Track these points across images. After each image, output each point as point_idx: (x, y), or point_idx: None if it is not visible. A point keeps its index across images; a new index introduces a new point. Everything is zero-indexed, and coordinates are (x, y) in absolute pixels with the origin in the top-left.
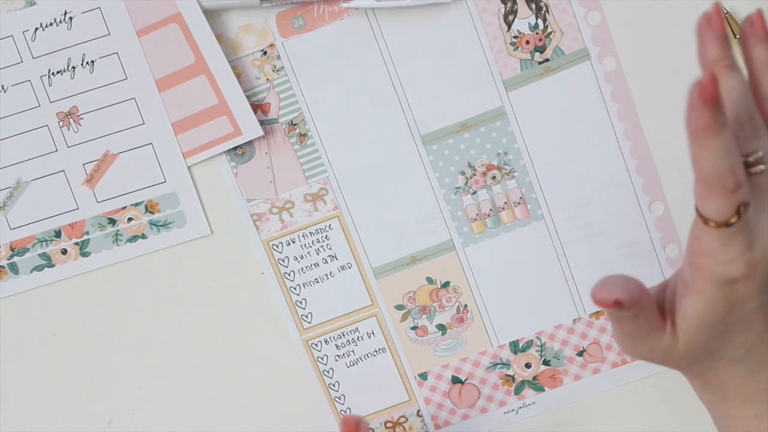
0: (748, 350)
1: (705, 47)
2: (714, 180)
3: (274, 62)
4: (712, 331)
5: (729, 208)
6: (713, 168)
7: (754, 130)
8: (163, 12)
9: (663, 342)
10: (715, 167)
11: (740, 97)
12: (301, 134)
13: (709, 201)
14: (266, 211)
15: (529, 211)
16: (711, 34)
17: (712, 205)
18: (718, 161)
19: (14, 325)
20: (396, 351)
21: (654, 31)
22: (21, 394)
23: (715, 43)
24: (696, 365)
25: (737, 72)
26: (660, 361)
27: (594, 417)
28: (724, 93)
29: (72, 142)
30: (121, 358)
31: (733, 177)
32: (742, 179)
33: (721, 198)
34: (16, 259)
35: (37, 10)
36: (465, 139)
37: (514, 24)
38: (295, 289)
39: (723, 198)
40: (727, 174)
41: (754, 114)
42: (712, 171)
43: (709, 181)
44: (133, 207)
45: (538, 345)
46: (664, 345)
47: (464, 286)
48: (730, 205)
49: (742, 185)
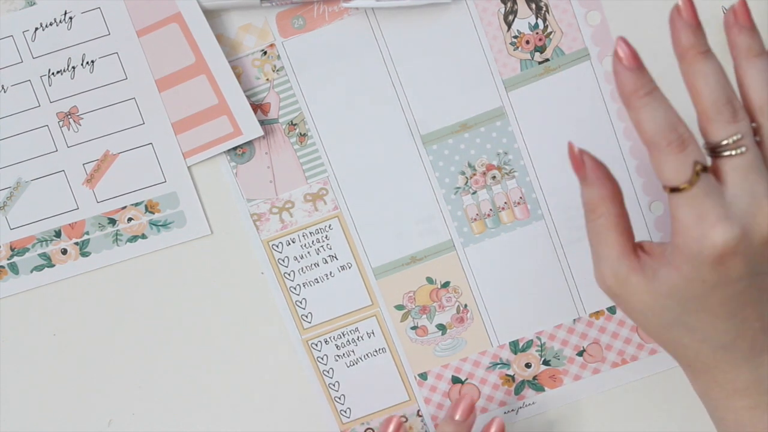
0: (735, 337)
1: (677, 35)
2: (659, 139)
3: (274, 62)
4: (688, 304)
5: (684, 166)
6: (654, 126)
7: (732, 113)
8: (163, 12)
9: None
10: (656, 124)
11: (715, 81)
12: (301, 134)
13: (663, 165)
14: (266, 211)
15: (529, 211)
16: (682, 22)
17: (667, 167)
18: (657, 119)
19: (14, 325)
20: (396, 351)
21: (654, 32)
22: (21, 394)
23: (687, 30)
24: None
25: (711, 58)
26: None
27: (594, 417)
28: (699, 76)
29: (72, 142)
30: (121, 358)
31: (675, 132)
32: (686, 135)
33: (672, 157)
34: (16, 259)
35: (37, 10)
36: (465, 139)
37: (514, 24)
38: (295, 289)
39: (674, 156)
40: (669, 130)
41: (732, 98)
42: (653, 130)
43: (655, 143)
44: (133, 207)
45: (538, 345)
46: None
47: (464, 286)
48: (684, 162)
49: (689, 141)
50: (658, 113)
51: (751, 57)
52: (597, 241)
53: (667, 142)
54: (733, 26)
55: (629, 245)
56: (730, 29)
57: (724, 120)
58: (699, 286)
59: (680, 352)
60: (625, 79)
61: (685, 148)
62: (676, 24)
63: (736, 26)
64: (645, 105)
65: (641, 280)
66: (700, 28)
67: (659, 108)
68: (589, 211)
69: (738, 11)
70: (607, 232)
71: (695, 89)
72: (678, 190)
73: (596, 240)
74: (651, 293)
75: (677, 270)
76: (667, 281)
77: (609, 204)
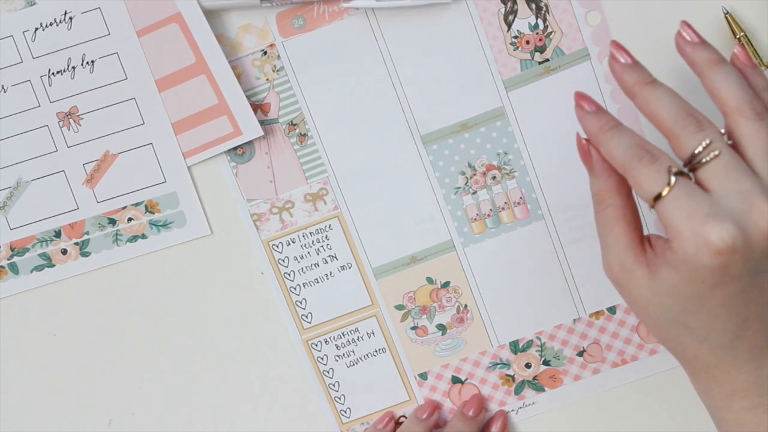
0: (735, 338)
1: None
2: (631, 160)
3: (274, 62)
4: (687, 303)
5: (659, 174)
6: (624, 151)
7: (696, 123)
8: (163, 12)
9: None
10: (625, 150)
11: (669, 102)
12: (301, 134)
13: (639, 179)
14: (266, 211)
15: (529, 211)
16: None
17: (643, 181)
18: (625, 144)
19: (14, 325)
20: (396, 351)
21: (654, 32)
22: (21, 394)
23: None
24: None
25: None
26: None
27: (594, 417)
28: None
29: (72, 142)
30: (121, 358)
31: (644, 149)
32: (656, 151)
33: (644, 170)
34: (16, 259)
35: (37, 10)
36: (465, 139)
37: (514, 24)
38: (295, 289)
39: (648, 168)
40: (639, 149)
41: (692, 111)
42: (624, 154)
43: (628, 165)
44: (133, 207)
45: (538, 345)
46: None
47: (464, 286)
48: (658, 172)
49: (660, 155)
50: (623, 139)
51: (713, 66)
52: (604, 231)
53: (637, 159)
54: (686, 45)
55: (636, 236)
56: (683, 50)
57: (689, 132)
58: (699, 286)
59: (680, 350)
60: (588, 122)
61: (657, 159)
62: (616, 69)
63: (688, 45)
64: (611, 138)
65: (644, 275)
66: (638, 64)
67: (624, 135)
68: (597, 201)
69: (684, 31)
70: (614, 222)
71: (654, 116)
72: (660, 197)
73: (603, 230)
74: (652, 289)
75: (676, 271)
76: (668, 281)
77: (616, 195)
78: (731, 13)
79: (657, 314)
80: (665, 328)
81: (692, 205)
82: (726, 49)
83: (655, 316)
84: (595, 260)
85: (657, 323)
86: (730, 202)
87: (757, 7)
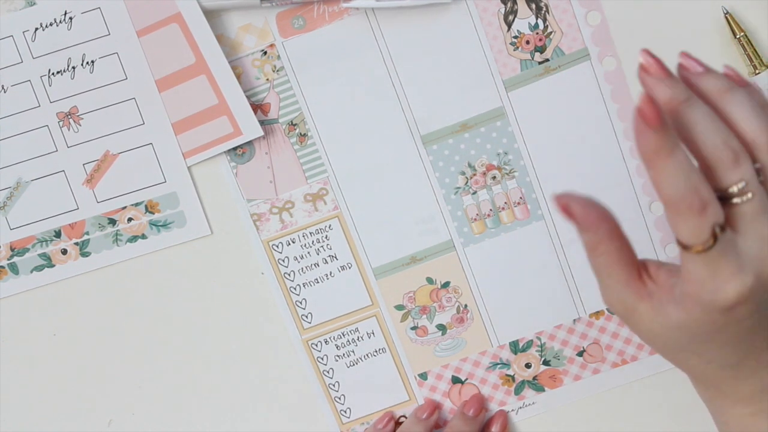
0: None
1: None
2: (679, 202)
3: (274, 62)
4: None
5: (702, 230)
6: (675, 190)
7: (733, 156)
8: (163, 12)
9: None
10: (677, 188)
11: (707, 126)
12: (301, 134)
13: (680, 225)
14: (266, 211)
15: (529, 211)
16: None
17: (684, 229)
18: (679, 182)
19: (14, 325)
20: (396, 351)
21: (654, 31)
22: (21, 394)
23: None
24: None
25: (696, 103)
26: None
27: (594, 417)
28: (691, 126)
29: (72, 142)
30: (121, 358)
31: (697, 195)
32: (707, 197)
33: (691, 220)
34: (16, 259)
35: (37, 10)
36: (465, 139)
37: (514, 24)
38: (295, 289)
39: (693, 220)
40: (691, 193)
41: (729, 139)
42: (674, 193)
43: (674, 205)
44: (133, 207)
45: (538, 345)
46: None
47: (464, 286)
48: (702, 227)
49: (710, 204)
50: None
51: (724, 94)
52: (600, 275)
53: (687, 205)
54: (691, 77)
55: (634, 272)
56: (689, 82)
57: (725, 166)
58: (709, 326)
59: (687, 369)
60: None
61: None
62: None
63: (693, 76)
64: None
65: (649, 310)
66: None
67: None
68: (590, 249)
69: (686, 63)
70: (610, 267)
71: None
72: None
73: (600, 274)
74: (658, 323)
75: (686, 312)
76: (676, 318)
77: (607, 242)
78: (731, 13)
79: (664, 343)
80: (672, 354)
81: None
82: (726, 49)
83: (662, 344)
84: None
85: (664, 350)
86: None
87: (757, 7)
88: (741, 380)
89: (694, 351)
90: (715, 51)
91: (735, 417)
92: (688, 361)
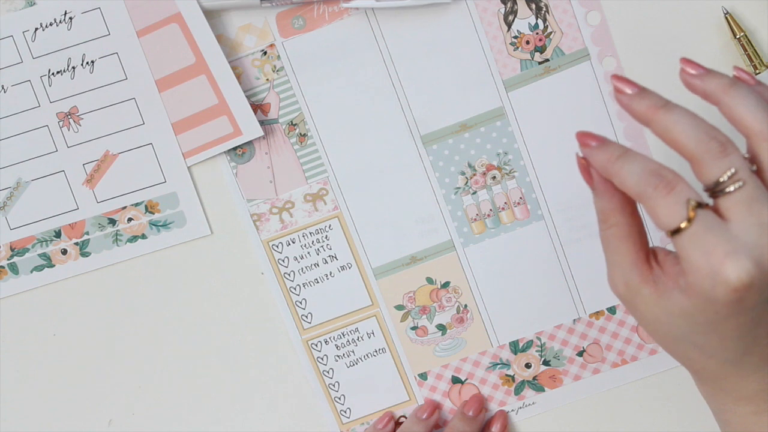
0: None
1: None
2: (645, 188)
3: (274, 62)
4: (698, 327)
5: (677, 206)
6: (637, 179)
7: (719, 146)
8: (163, 12)
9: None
10: (638, 177)
11: (687, 124)
12: (301, 134)
13: (656, 210)
14: (266, 211)
15: (529, 211)
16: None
17: (660, 212)
18: (636, 172)
19: (14, 325)
20: (396, 351)
21: (654, 31)
22: (21, 394)
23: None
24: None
25: (674, 107)
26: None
27: (594, 417)
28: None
29: (72, 142)
30: (121, 358)
31: (658, 177)
32: (671, 177)
33: (662, 201)
34: (16, 259)
35: (37, 10)
36: (465, 139)
37: (514, 24)
38: (295, 289)
39: (664, 200)
40: (653, 178)
41: (713, 132)
42: (638, 182)
43: (643, 193)
44: (133, 207)
45: (538, 345)
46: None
47: (464, 286)
48: (675, 203)
49: (676, 183)
50: (634, 167)
51: (728, 90)
52: (609, 249)
53: (652, 187)
54: (693, 79)
55: (642, 254)
56: (691, 84)
57: (713, 157)
58: (712, 315)
59: (686, 361)
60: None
61: (674, 188)
62: (624, 101)
63: (694, 78)
64: (621, 167)
65: (653, 293)
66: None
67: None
68: (602, 220)
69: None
70: (619, 241)
71: (674, 141)
72: (678, 231)
73: (609, 248)
74: (661, 309)
75: (689, 299)
76: (679, 305)
77: (620, 214)
78: (731, 13)
79: (665, 331)
80: (672, 344)
81: (712, 242)
82: (726, 49)
83: (663, 333)
84: (595, 260)
85: (664, 339)
86: (749, 235)
87: (757, 7)
88: (743, 377)
89: (695, 343)
90: (715, 51)
91: (737, 416)
92: (689, 354)
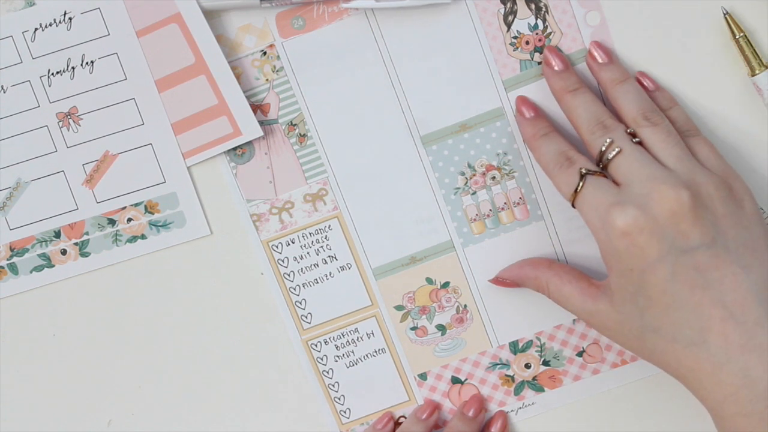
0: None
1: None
2: (553, 165)
3: (273, 62)
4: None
5: (573, 176)
6: (549, 157)
7: (603, 128)
8: (163, 12)
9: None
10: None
11: (584, 109)
12: (300, 134)
13: (559, 184)
14: (266, 211)
15: (529, 211)
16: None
17: (561, 183)
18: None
19: (14, 325)
20: (396, 351)
21: (653, 32)
22: (21, 394)
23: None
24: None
25: (580, 93)
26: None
27: (594, 417)
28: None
29: (72, 143)
30: (121, 358)
31: (563, 156)
32: (573, 155)
33: (563, 174)
34: (15, 259)
35: (36, 11)
36: (465, 139)
37: (513, 24)
38: (294, 289)
39: (564, 172)
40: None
41: (603, 118)
42: (549, 159)
43: (551, 168)
44: (133, 207)
45: (537, 345)
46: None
47: (464, 286)
48: (572, 174)
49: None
50: (551, 147)
51: (616, 85)
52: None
53: (558, 165)
54: (594, 64)
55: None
56: (592, 68)
57: (597, 136)
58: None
59: (663, 360)
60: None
61: (573, 164)
62: (546, 73)
63: (595, 64)
64: (540, 145)
65: (605, 301)
66: (567, 71)
67: (551, 143)
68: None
69: (594, 52)
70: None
71: (572, 121)
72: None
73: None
74: (613, 307)
75: (610, 270)
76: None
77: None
78: (731, 13)
79: (628, 330)
80: (639, 341)
81: (599, 198)
82: (726, 49)
83: (628, 333)
84: (595, 260)
85: (633, 340)
86: (635, 189)
87: (757, 7)
88: (717, 367)
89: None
90: (715, 51)
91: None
92: (656, 345)
